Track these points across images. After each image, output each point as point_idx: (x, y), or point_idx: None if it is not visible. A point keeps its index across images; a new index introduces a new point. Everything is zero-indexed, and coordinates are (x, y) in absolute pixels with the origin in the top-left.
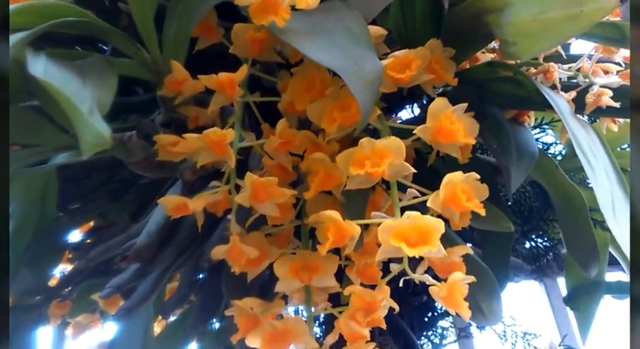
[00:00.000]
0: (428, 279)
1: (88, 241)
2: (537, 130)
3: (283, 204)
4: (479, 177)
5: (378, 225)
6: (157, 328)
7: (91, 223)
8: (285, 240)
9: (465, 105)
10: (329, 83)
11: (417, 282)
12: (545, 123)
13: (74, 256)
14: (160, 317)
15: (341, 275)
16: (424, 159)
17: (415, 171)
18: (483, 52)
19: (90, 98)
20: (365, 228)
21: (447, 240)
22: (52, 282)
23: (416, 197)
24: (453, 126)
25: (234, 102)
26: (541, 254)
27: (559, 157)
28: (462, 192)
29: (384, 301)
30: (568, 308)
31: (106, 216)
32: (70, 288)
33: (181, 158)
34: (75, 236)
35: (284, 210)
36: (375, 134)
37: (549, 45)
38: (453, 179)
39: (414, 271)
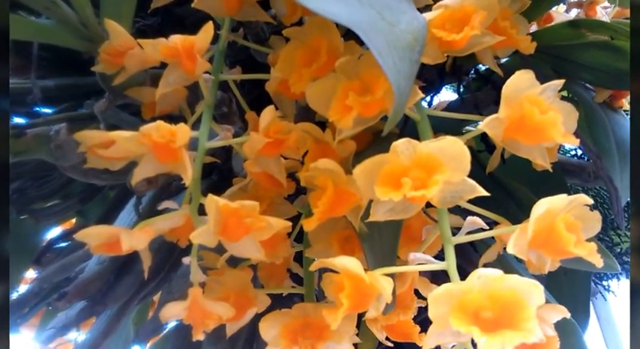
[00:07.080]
0: None
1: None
2: None
3: (272, 238)
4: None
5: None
6: None
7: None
8: (279, 275)
9: (560, 82)
10: (340, 51)
11: None
12: None
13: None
14: None
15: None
16: (478, 160)
17: (487, 193)
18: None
19: None
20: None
21: None
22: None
23: (478, 230)
24: (544, 117)
25: (199, 80)
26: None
27: None
28: (568, 229)
29: None
30: (617, 322)
31: (85, 216)
32: (25, 312)
33: (124, 164)
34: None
35: (273, 244)
36: (405, 127)
37: None
38: (553, 208)
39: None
